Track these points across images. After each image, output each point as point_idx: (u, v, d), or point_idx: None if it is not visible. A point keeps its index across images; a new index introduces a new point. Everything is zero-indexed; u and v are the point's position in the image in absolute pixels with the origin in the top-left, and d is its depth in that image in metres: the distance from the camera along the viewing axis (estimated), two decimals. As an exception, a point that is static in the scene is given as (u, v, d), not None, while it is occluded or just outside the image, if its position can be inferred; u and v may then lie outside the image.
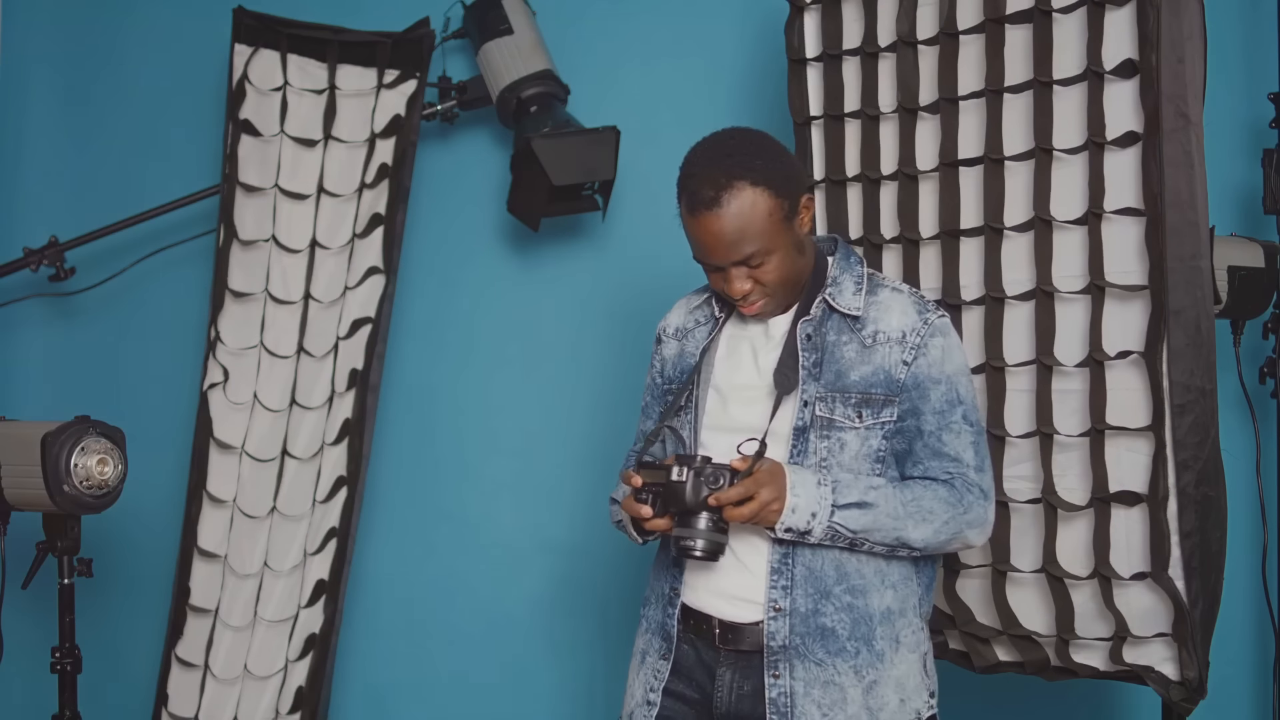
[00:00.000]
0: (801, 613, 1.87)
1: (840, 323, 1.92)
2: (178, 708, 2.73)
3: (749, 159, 1.84)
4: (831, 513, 1.82)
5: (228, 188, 2.80)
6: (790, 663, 1.87)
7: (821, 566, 1.87)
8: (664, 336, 2.09)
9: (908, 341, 1.89)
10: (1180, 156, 1.99)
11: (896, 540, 1.86)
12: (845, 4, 2.42)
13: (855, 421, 1.88)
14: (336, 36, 2.82)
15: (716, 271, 1.89)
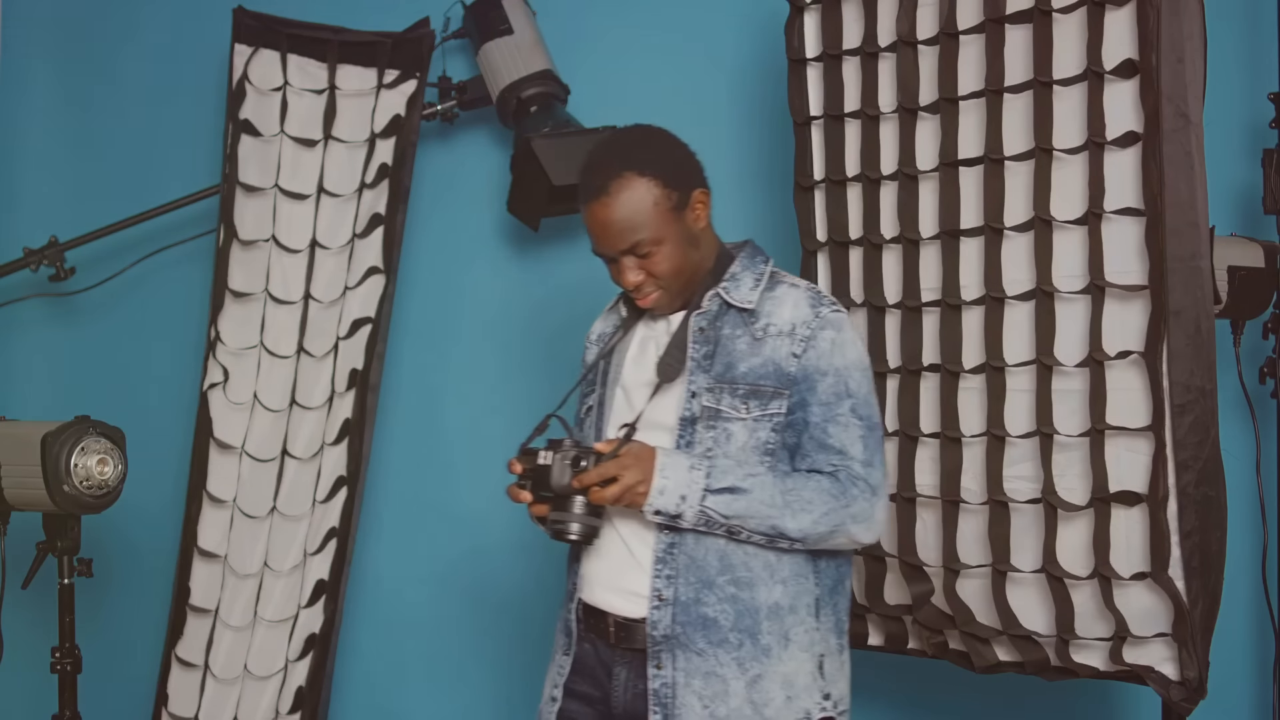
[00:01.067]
0: (683, 602, 1.87)
1: (735, 317, 1.94)
2: (178, 708, 2.73)
3: (638, 150, 1.92)
4: (703, 496, 1.83)
5: (228, 188, 2.80)
6: (672, 653, 1.87)
7: (705, 556, 1.87)
8: (588, 344, 2.12)
9: (797, 334, 1.90)
10: (1180, 156, 1.99)
11: (772, 529, 1.85)
12: (845, 4, 2.42)
13: (742, 412, 1.89)
14: (336, 36, 2.82)
15: (612, 263, 1.93)
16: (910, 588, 2.30)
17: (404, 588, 3.03)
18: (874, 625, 2.44)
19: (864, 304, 2.40)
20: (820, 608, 1.92)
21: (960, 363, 2.24)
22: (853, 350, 1.92)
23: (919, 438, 2.30)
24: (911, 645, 2.39)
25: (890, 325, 2.36)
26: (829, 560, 1.93)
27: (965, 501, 2.23)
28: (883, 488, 1.91)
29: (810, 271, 2.49)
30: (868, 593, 2.40)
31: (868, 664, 2.66)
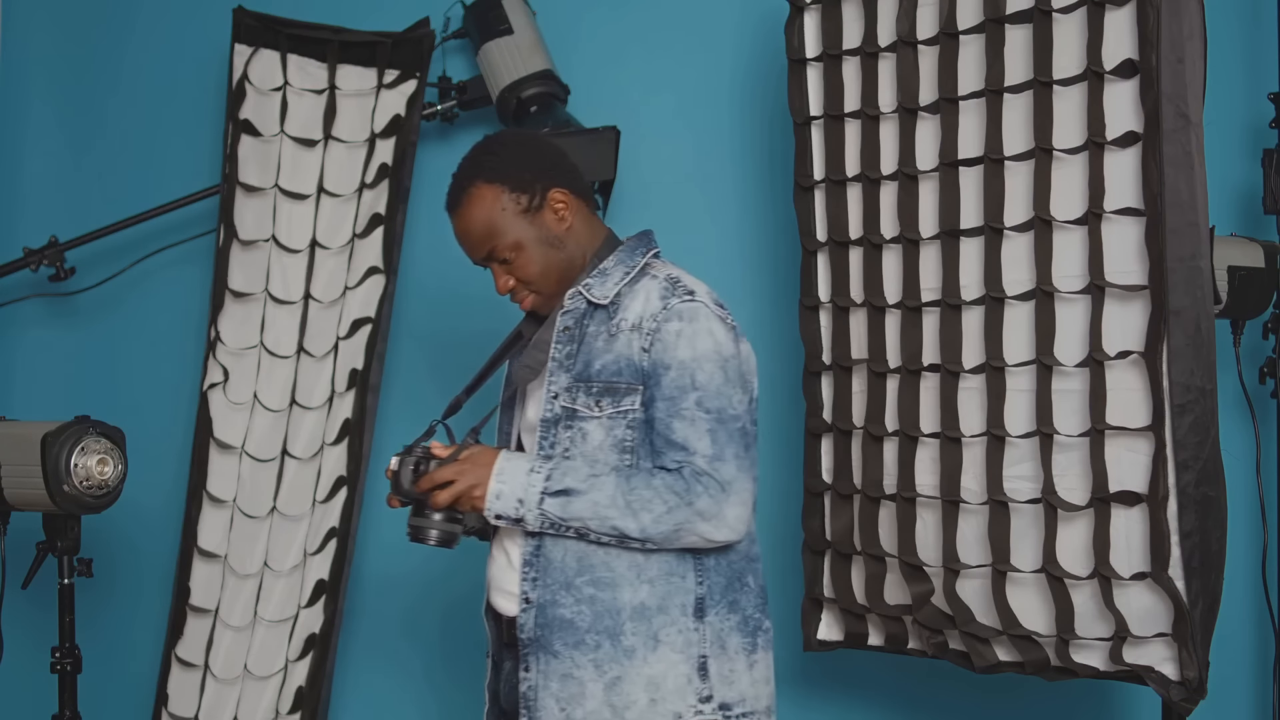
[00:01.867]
0: (541, 604, 1.87)
1: (600, 314, 1.92)
2: (178, 708, 2.73)
3: (485, 158, 1.97)
4: (540, 500, 1.83)
5: (228, 188, 2.80)
6: (536, 655, 1.88)
7: (563, 558, 1.87)
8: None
9: (644, 327, 1.88)
10: (1180, 156, 1.99)
11: (613, 530, 1.83)
12: (845, 4, 2.42)
13: (595, 411, 1.88)
14: (336, 36, 2.82)
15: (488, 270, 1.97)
16: (910, 588, 2.30)
17: (404, 588, 3.03)
18: (874, 625, 2.44)
19: (864, 304, 2.40)
20: (705, 608, 1.87)
21: (960, 363, 2.24)
22: (705, 342, 1.87)
23: (919, 438, 2.29)
24: (911, 645, 2.39)
25: (890, 325, 2.36)
26: (718, 557, 1.90)
27: (965, 501, 2.23)
28: (737, 483, 1.87)
29: (810, 271, 2.49)
30: (868, 593, 2.40)
31: (868, 664, 2.67)
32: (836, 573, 2.46)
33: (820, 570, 2.49)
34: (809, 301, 2.50)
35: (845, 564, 2.45)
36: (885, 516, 2.36)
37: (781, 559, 2.79)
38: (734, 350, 1.92)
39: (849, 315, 2.43)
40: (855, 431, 2.42)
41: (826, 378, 2.49)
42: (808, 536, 2.50)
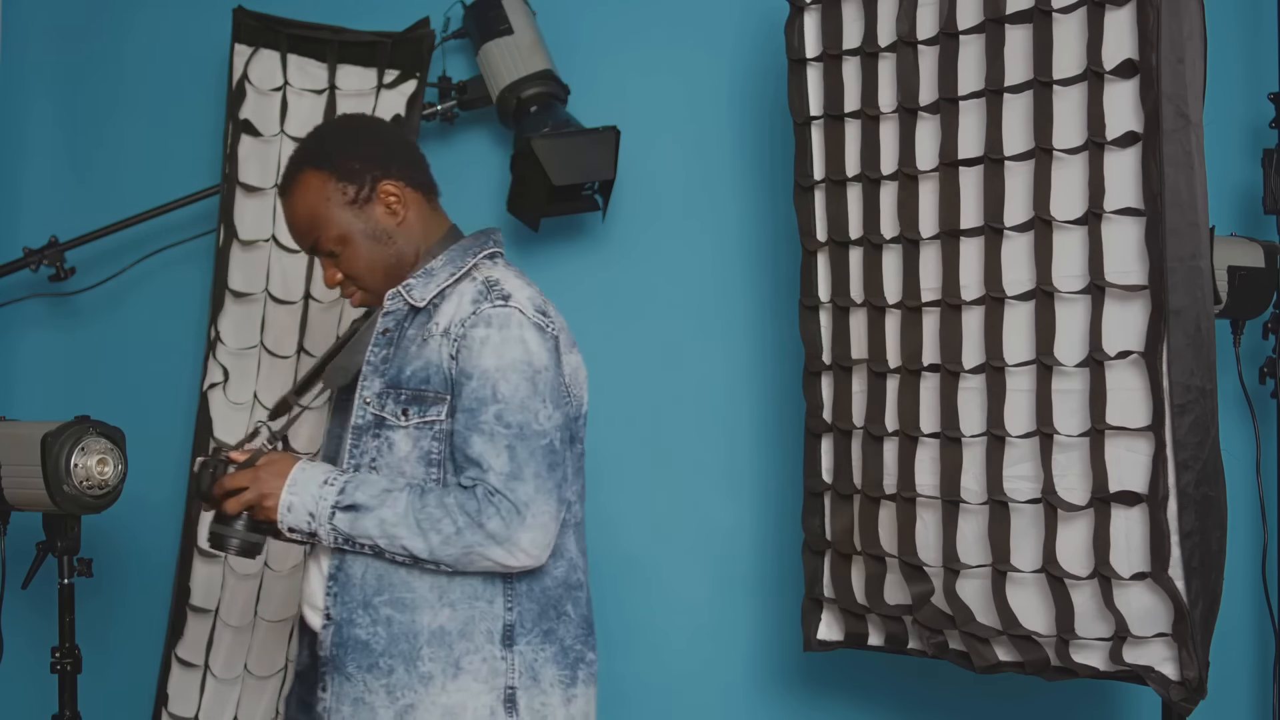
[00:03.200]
0: (339, 622, 1.80)
1: (419, 317, 1.84)
2: (178, 708, 2.73)
3: (315, 144, 1.86)
4: (331, 514, 1.75)
5: (228, 188, 2.80)
6: (331, 675, 1.81)
7: (363, 575, 1.79)
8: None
9: (451, 333, 1.79)
10: (1180, 156, 1.99)
11: (403, 549, 1.74)
12: (845, 4, 2.42)
13: (402, 420, 1.79)
14: (336, 36, 2.82)
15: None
16: (910, 588, 2.30)
17: (404, 588, 3.03)
18: (874, 625, 2.44)
19: (864, 304, 2.39)
20: (515, 636, 1.78)
21: (960, 363, 2.24)
22: (513, 350, 1.77)
23: (919, 438, 2.29)
24: (911, 645, 2.39)
25: (890, 325, 2.36)
26: (530, 583, 1.81)
27: (965, 501, 2.23)
28: (535, 505, 1.74)
29: (810, 271, 2.49)
30: (868, 593, 2.40)
31: (868, 664, 2.67)
32: (836, 573, 2.46)
33: (820, 570, 2.49)
34: (809, 301, 2.50)
35: (845, 564, 2.45)
36: (885, 516, 2.36)
37: (781, 559, 2.79)
38: (549, 361, 1.81)
39: (849, 315, 2.43)
40: (855, 431, 2.42)
41: (826, 378, 2.49)
42: (808, 536, 2.50)
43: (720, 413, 2.89)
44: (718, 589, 2.88)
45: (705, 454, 2.86)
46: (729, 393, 2.89)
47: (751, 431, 2.87)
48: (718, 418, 2.89)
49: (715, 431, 2.89)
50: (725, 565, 2.88)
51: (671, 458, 2.89)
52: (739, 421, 2.88)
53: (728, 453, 2.88)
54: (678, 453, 2.90)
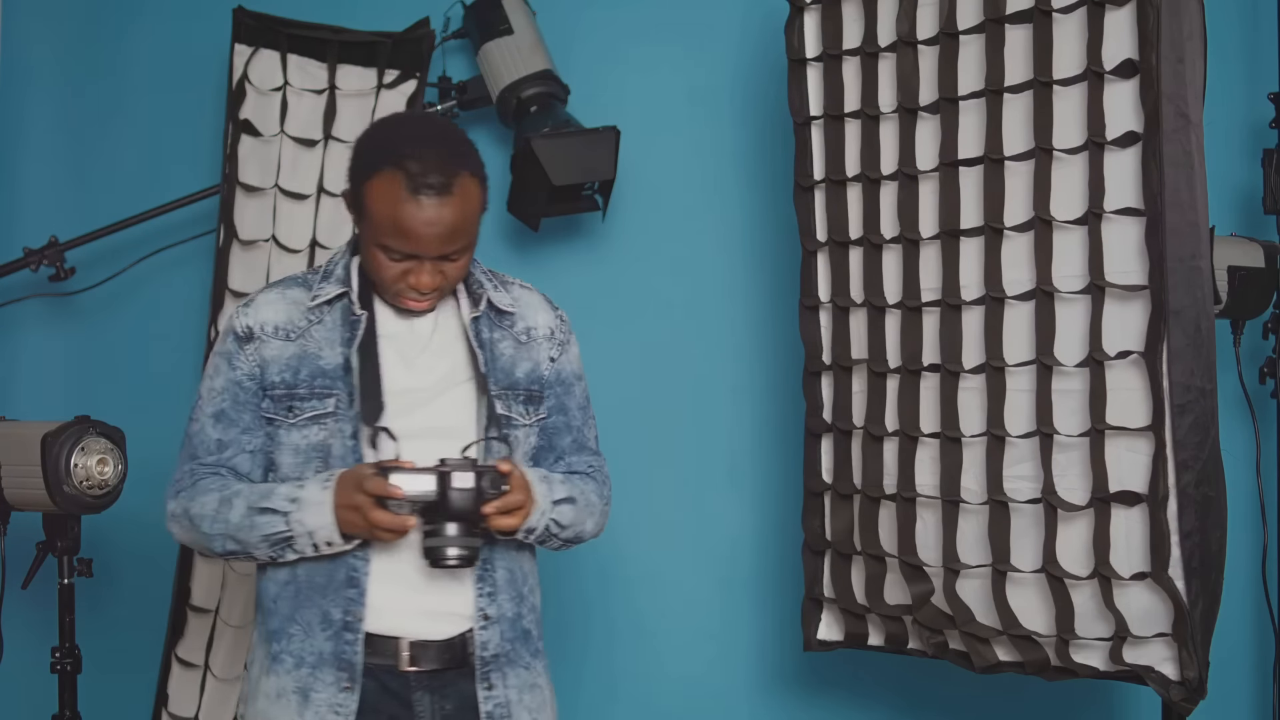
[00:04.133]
0: (509, 618, 1.86)
1: (494, 319, 1.92)
2: (178, 708, 2.73)
3: (469, 149, 1.83)
4: (550, 509, 1.84)
5: (228, 188, 2.80)
6: (503, 671, 1.84)
7: (521, 569, 1.89)
8: (260, 334, 1.87)
9: (555, 338, 1.97)
10: (1180, 156, 1.99)
11: (578, 534, 1.91)
12: (845, 4, 2.42)
13: (525, 418, 1.89)
14: (336, 36, 2.81)
15: (408, 260, 1.79)
16: (910, 588, 2.30)
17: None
18: (874, 625, 2.44)
19: (864, 304, 2.39)
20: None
21: (960, 363, 2.24)
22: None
23: (919, 438, 2.29)
24: (911, 645, 2.39)
25: (890, 325, 2.36)
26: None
27: (965, 501, 2.23)
28: None
29: (810, 271, 2.49)
30: (868, 593, 2.40)
31: (868, 664, 2.67)
32: (836, 573, 2.46)
33: (820, 570, 2.49)
34: (809, 301, 2.50)
35: (845, 564, 2.45)
36: (885, 516, 2.36)
37: (781, 559, 2.79)
38: None
39: (849, 315, 2.43)
40: (855, 431, 2.42)
41: (826, 378, 2.49)
42: (808, 536, 2.50)
43: (720, 413, 2.89)
44: (718, 589, 2.88)
45: (705, 454, 2.86)
46: (729, 393, 2.89)
47: (751, 431, 2.88)
48: (718, 418, 2.89)
49: (715, 431, 2.89)
50: (725, 565, 2.88)
51: (672, 458, 2.90)
52: (739, 421, 2.89)
53: (728, 453, 2.88)
54: (678, 453, 2.90)
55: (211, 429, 1.89)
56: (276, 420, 1.86)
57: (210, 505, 1.85)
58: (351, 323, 1.86)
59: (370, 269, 1.84)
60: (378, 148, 1.80)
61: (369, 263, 1.83)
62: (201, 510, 1.85)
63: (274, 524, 1.79)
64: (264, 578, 1.89)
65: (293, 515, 1.78)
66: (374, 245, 1.80)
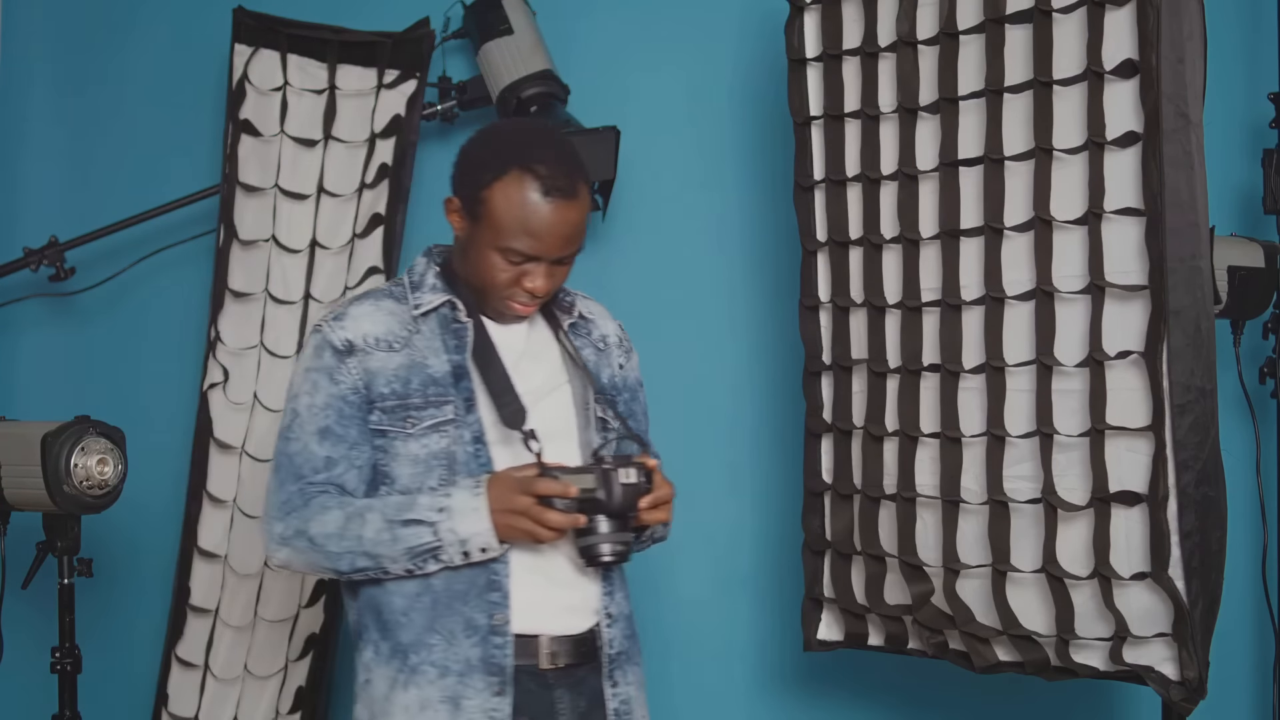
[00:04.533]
0: (625, 615, 1.92)
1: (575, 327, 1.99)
2: (178, 708, 2.73)
3: (578, 154, 1.88)
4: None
5: (228, 188, 2.80)
6: (624, 668, 1.88)
7: (620, 570, 1.92)
8: (361, 346, 1.85)
9: (623, 345, 2.04)
10: (1180, 156, 1.99)
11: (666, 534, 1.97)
12: (845, 4, 2.42)
13: (613, 420, 1.93)
14: (336, 36, 2.81)
15: (527, 263, 1.82)
16: (910, 588, 2.30)
17: (404, 588, 3.03)
18: (874, 625, 2.44)
19: (864, 304, 2.39)
20: None
21: (960, 363, 2.24)
22: None
23: (919, 438, 2.29)
24: (911, 645, 2.39)
25: (890, 325, 2.36)
26: None
27: (965, 501, 2.23)
28: None
29: (810, 271, 2.49)
30: (868, 593, 2.40)
31: (868, 664, 2.67)
32: (836, 573, 2.46)
33: (820, 570, 2.49)
34: (809, 301, 2.50)
35: (845, 564, 2.45)
36: (885, 516, 2.36)
37: (781, 559, 2.79)
38: None
39: (849, 315, 2.43)
40: (855, 431, 2.42)
41: (826, 378, 2.49)
42: (808, 536, 2.50)
43: (720, 413, 2.89)
44: (718, 589, 2.88)
45: (705, 454, 2.86)
46: (729, 393, 2.89)
47: (751, 431, 2.88)
48: (718, 418, 2.89)
49: (715, 431, 2.89)
50: (726, 565, 2.88)
51: (672, 457, 2.88)
52: (739, 421, 2.89)
53: (728, 453, 2.88)
54: (678, 452, 2.89)
55: (317, 446, 1.84)
56: (392, 432, 1.83)
57: (334, 523, 1.80)
58: (454, 330, 1.88)
59: (479, 274, 1.84)
60: (500, 152, 1.82)
61: (479, 267, 1.84)
62: (324, 529, 1.80)
63: (420, 535, 1.77)
64: (384, 592, 1.83)
65: (442, 525, 1.77)
66: (491, 249, 1.81)
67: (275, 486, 1.85)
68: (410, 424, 1.82)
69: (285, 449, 1.86)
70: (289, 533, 1.83)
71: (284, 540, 1.84)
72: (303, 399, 1.86)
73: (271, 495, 1.86)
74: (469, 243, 1.85)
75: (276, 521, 1.84)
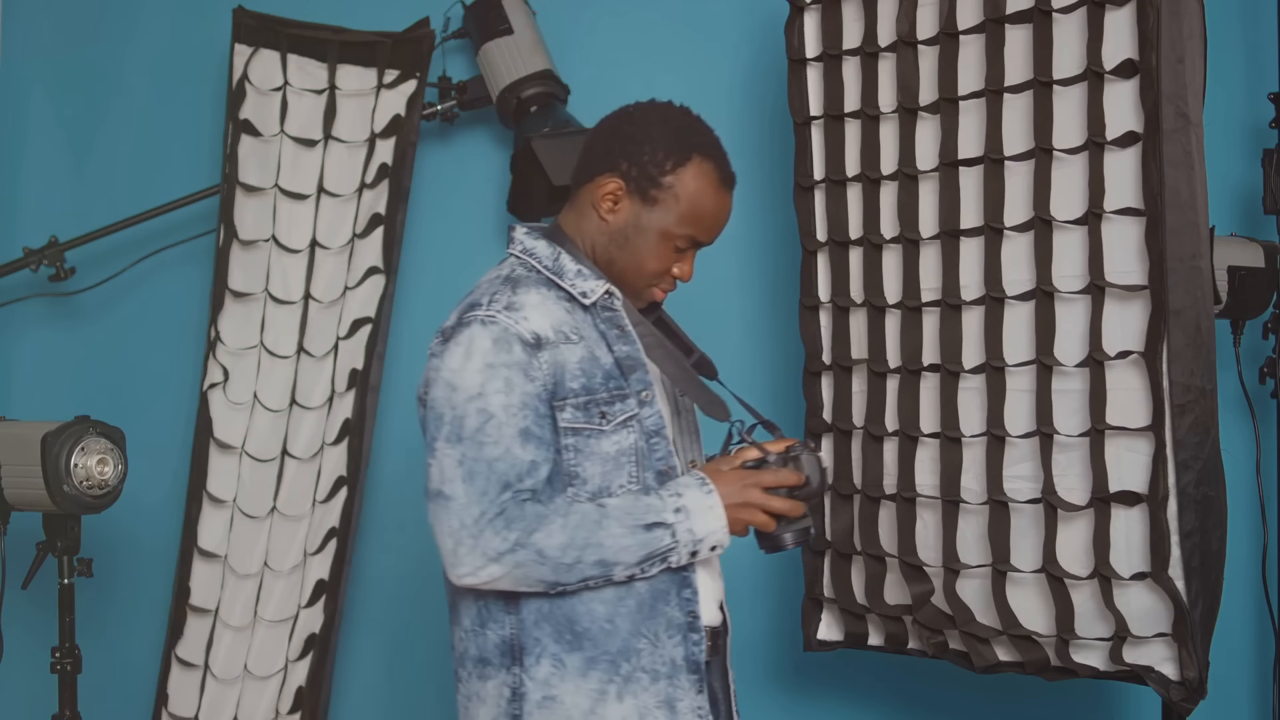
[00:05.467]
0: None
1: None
2: (178, 708, 2.73)
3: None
4: None
5: (228, 188, 2.80)
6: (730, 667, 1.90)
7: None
8: (549, 339, 1.73)
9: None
10: (1180, 156, 1.99)
11: None
12: (845, 4, 2.42)
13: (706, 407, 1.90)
14: (336, 36, 2.81)
15: (689, 250, 1.83)
16: (910, 588, 2.30)
17: (404, 588, 3.03)
18: (874, 625, 2.44)
19: (864, 304, 2.39)
20: None
21: (960, 363, 2.24)
22: None
23: (919, 438, 2.29)
24: (911, 645, 2.39)
25: (890, 325, 2.36)
26: None
27: (965, 501, 2.23)
28: None
29: (810, 271, 2.49)
30: (868, 593, 2.40)
31: (868, 664, 2.67)
32: (836, 573, 2.46)
33: (820, 570, 2.50)
34: (809, 301, 2.50)
35: (845, 564, 2.45)
36: (885, 516, 2.36)
37: (781, 559, 2.78)
38: None
39: (849, 315, 2.43)
40: (855, 431, 2.42)
41: (826, 378, 2.49)
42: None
43: (720, 413, 2.89)
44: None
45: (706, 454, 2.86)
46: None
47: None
48: (718, 418, 2.89)
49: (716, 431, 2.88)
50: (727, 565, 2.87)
51: (671, 458, 2.89)
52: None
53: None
54: (678, 453, 2.89)
55: (521, 450, 1.68)
56: (587, 429, 1.72)
57: (560, 533, 1.67)
58: (609, 319, 1.79)
59: (637, 257, 1.79)
60: (681, 135, 1.78)
61: (639, 252, 1.79)
62: (549, 540, 1.67)
63: (661, 539, 1.70)
64: (579, 601, 1.72)
65: (679, 525, 1.71)
66: (658, 234, 1.78)
67: (474, 496, 1.67)
68: (605, 420, 1.73)
69: (481, 454, 1.67)
70: (505, 547, 1.66)
71: (498, 556, 1.66)
72: (494, 398, 1.68)
73: (469, 506, 1.67)
74: (632, 227, 1.78)
75: (490, 535, 1.66)
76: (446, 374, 1.71)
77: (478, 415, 1.68)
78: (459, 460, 1.68)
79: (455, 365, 1.70)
